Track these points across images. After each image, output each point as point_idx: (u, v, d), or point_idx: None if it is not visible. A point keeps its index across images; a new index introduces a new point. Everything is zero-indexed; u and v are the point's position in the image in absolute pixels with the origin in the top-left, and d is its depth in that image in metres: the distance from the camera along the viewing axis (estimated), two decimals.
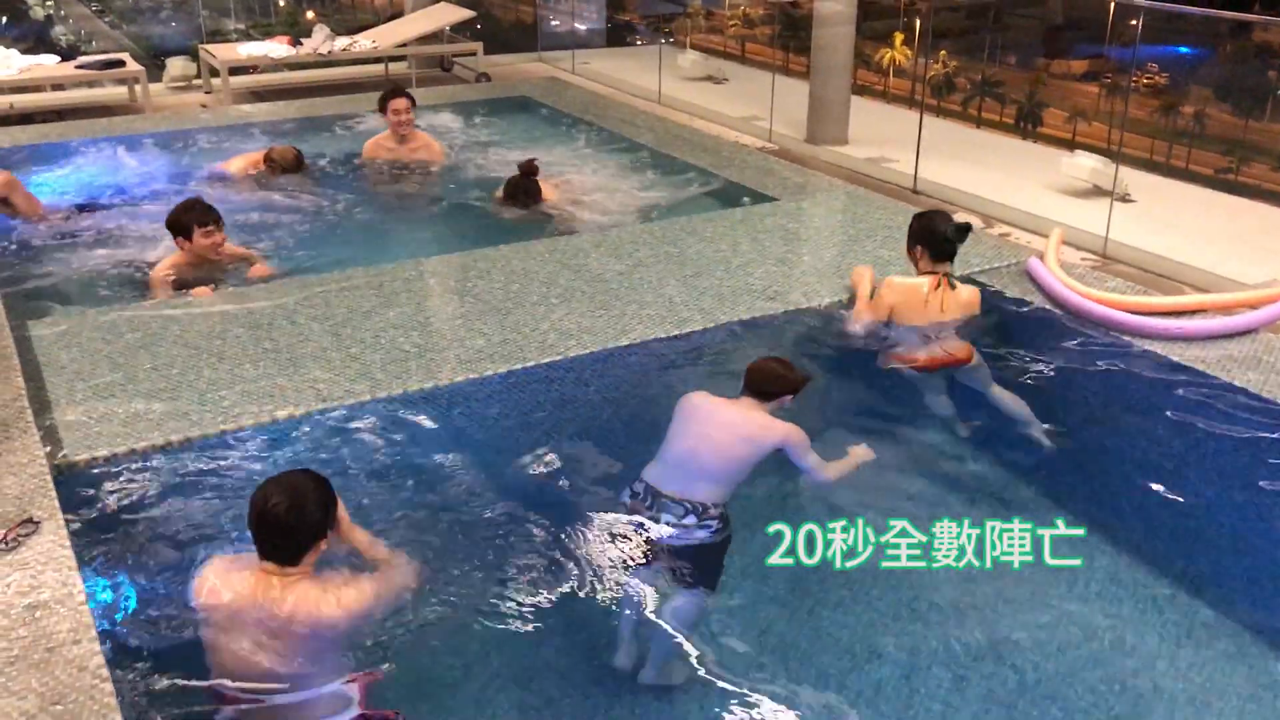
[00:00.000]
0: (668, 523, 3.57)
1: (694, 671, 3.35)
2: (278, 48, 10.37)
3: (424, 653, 3.26)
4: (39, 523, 3.32)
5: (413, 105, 7.34)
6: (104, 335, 4.70)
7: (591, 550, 3.68)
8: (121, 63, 9.91)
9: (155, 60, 11.17)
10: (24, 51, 9.96)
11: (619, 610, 3.51)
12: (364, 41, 10.61)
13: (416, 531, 3.71)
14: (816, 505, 3.94)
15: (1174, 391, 4.67)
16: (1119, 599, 3.85)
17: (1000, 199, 7.03)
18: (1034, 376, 4.88)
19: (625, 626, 3.48)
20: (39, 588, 3.06)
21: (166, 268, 5.47)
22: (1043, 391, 4.78)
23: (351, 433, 4.14)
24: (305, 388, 4.28)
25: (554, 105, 9.52)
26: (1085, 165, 7.29)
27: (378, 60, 11.22)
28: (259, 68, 10.78)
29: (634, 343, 4.73)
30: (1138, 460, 4.59)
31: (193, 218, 5.36)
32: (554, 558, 3.65)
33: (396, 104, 7.25)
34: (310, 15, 16.21)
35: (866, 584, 3.73)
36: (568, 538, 3.71)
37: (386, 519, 3.75)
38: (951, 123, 15.23)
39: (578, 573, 3.60)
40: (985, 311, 5.05)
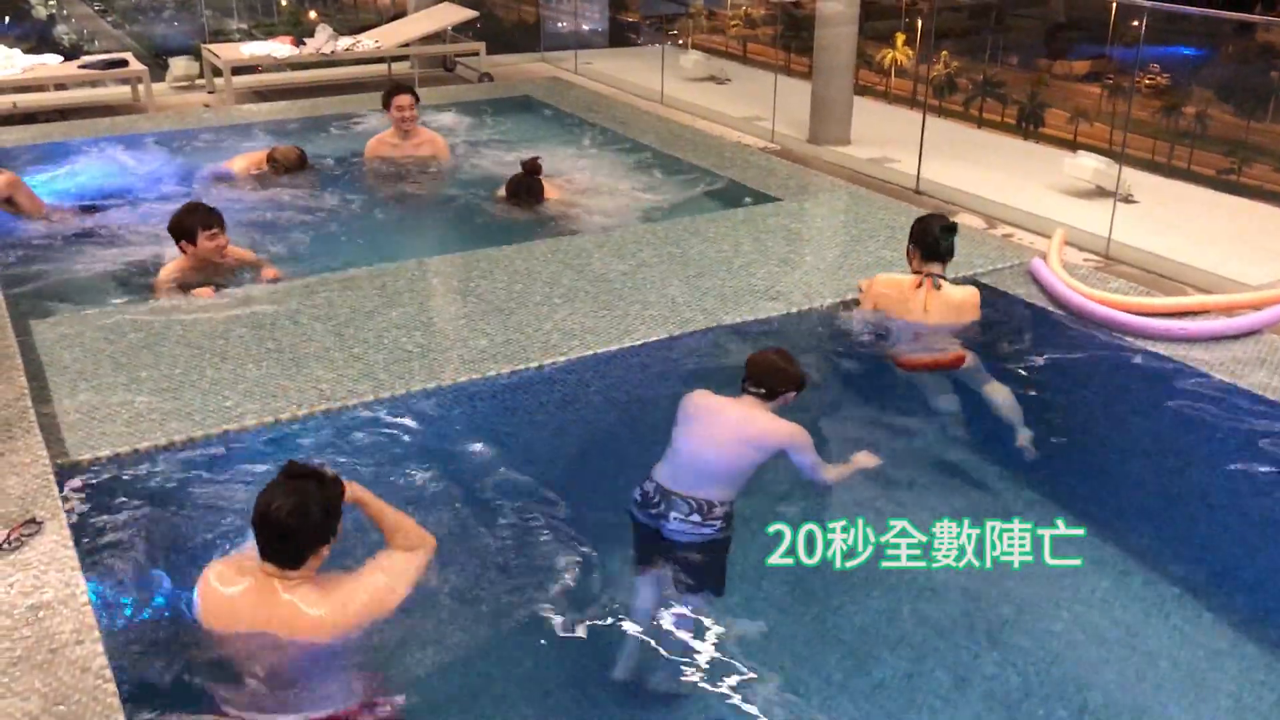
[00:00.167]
0: (675, 519, 3.58)
1: (697, 674, 3.35)
2: (280, 47, 10.37)
3: (425, 654, 3.25)
4: (42, 523, 3.32)
5: (416, 102, 7.34)
6: (107, 335, 4.70)
7: (596, 551, 3.68)
8: (124, 62, 9.91)
9: (158, 60, 11.18)
10: (27, 51, 9.97)
11: (625, 614, 3.51)
12: (367, 41, 10.61)
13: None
14: (816, 505, 3.94)
15: (1177, 392, 4.67)
16: (1121, 600, 3.85)
17: (1003, 200, 7.02)
18: (1037, 377, 4.87)
19: (631, 632, 3.47)
20: (42, 588, 3.06)
21: (171, 273, 5.40)
22: (1045, 392, 4.77)
23: (354, 433, 4.14)
24: (308, 388, 4.28)
25: (556, 105, 9.52)
26: (1088, 166, 7.28)
27: (380, 60, 11.21)
28: (262, 67, 10.78)
29: (637, 343, 4.73)
30: (1140, 461, 4.58)
31: (196, 220, 5.30)
32: (557, 559, 3.64)
33: (400, 100, 7.25)
34: (313, 15, 16.22)
35: (867, 585, 3.72)
36: (571, 539, 3.71)
37: None
38: (953, 123, 15.22)
39: (582, 574, 3.59)
40: (988, 312, 5.05)
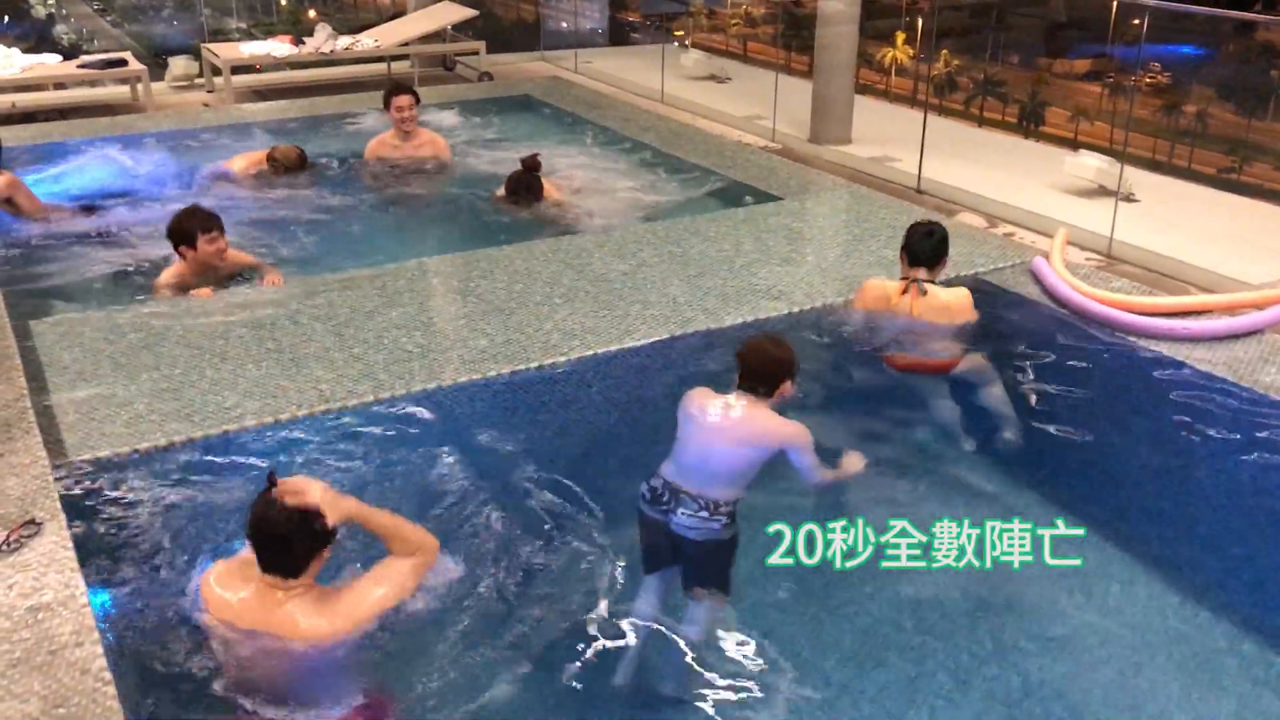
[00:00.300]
0: (684, 514, 3.58)
1: (698, 675, 3.34)
2: (280, 47, 10.36)
3: (424, 655, 3.23)
4: (41, 524, 3.31)
5: (416, 102, 7.32)
6: (106, 335, 4.69)
7: (596, 552, 3.67)
8: (124, 62, 9.90)
9: (157, 59, 11.16)
10: (26, 50, 9.97)
11: (627, 614, 3.50)
12: (366, 40, 10.60)
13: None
14: (816, 505, 3.93)
15: (1179, 392, 4.66)
16: (1122, 600, 3.84)
17: (1004, 199, 7.01)
18: (1039, 376, 4.86)
19: (632, 633, 3.46)
20: (41, 589, 3.05)
21: (170, 279, 5.35)
22: (1047, 391, 4.76)
23: (354, 434, 4.13)
24: (308, 388, 4.27)
25: (557, 104, 9.51)
26: (1089, 165, 7.26)
27: (380, 59, 11.21)
28: (261, 67, 10.77)
29: (638, 343, 4.71)
30: (1142, 460, 4.57)
31: (195, 224, 5.24)
32: (558, 560, 3.63)
33: (400, 101, 7.23)
34: (312, 14, 16.19)
35: (868, 586, 3.71)
36: (572, 540, 3.70)
37: None
38: (954, 121, 15.20)
39: (582, 574, 3.59)
40: (989, 312, 5.04)
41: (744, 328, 4.89)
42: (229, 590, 2.95)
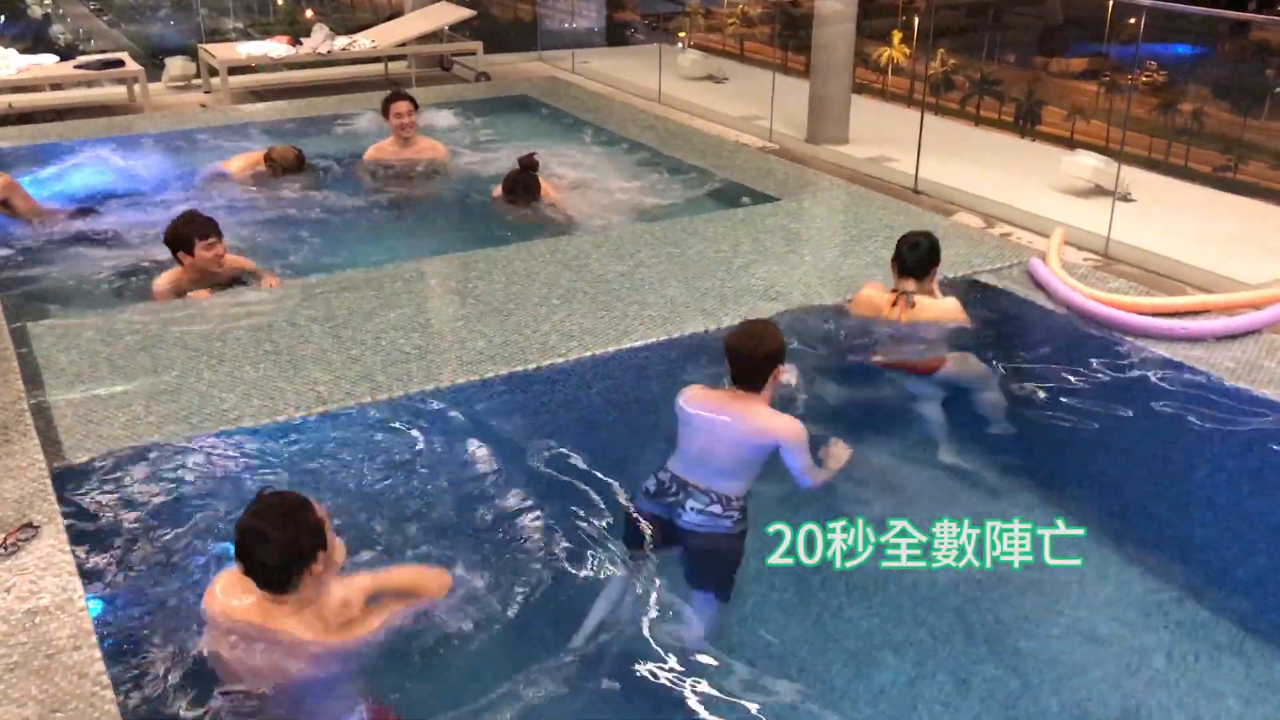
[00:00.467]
0: (693, 509, 3.58)
1: (696, 674, 3.33)
2: (277, 47, 10.35)
3: (422, 658, 3.23)
4: (38, 527, 3.31)
5: (415, 108, 7.30)
6: (103, 337, 4.69)
7: (595, 552, 3.66)
8: (120, 62, 9.89)
9: (154, 60, 11.16)
10: (22, 51, 9.96)
11: (624, 613, 3.49)
12: (363, 41, 10.60)
13: (418, 535, 3.70)
14: (816, 505, 3.93)
15: (1176, 392, 4.66)
16: (1120, 601, 3.84)
17: (1001, 198, 7.01)
18: (1036, 376, 4.86)
19: (630, 633, 3.44)
20: (39, 593, 3.05)
21: (167, 284, 5.31)
22: (1044, 391, 4.76)
23: (352, 435, 4.12)
24: (306, 390, 4.26)
25: (554, 105, 9.50)
26: (1086, 164, 7.27)
27: (377, 60, 11.20)
28: (258, 67, 10.76)
29: (636, 344, 4.71)
30: (1139, 461, 4.57)
31: (193, 230, 5.20)
32: (557, 561, 3.63)
33: (398, 107, 7.18)
34: (309, 14, 16.20)
35: (868, 587, 3.72)
36: (571, 540, 3.70)
37: (386, 522, 3.73)
38: (950, 121, 15.22)
39: (581, 575, 3.58)
40: (987, 312, 5.04)
41: None
42: (232, 599, 2.93)
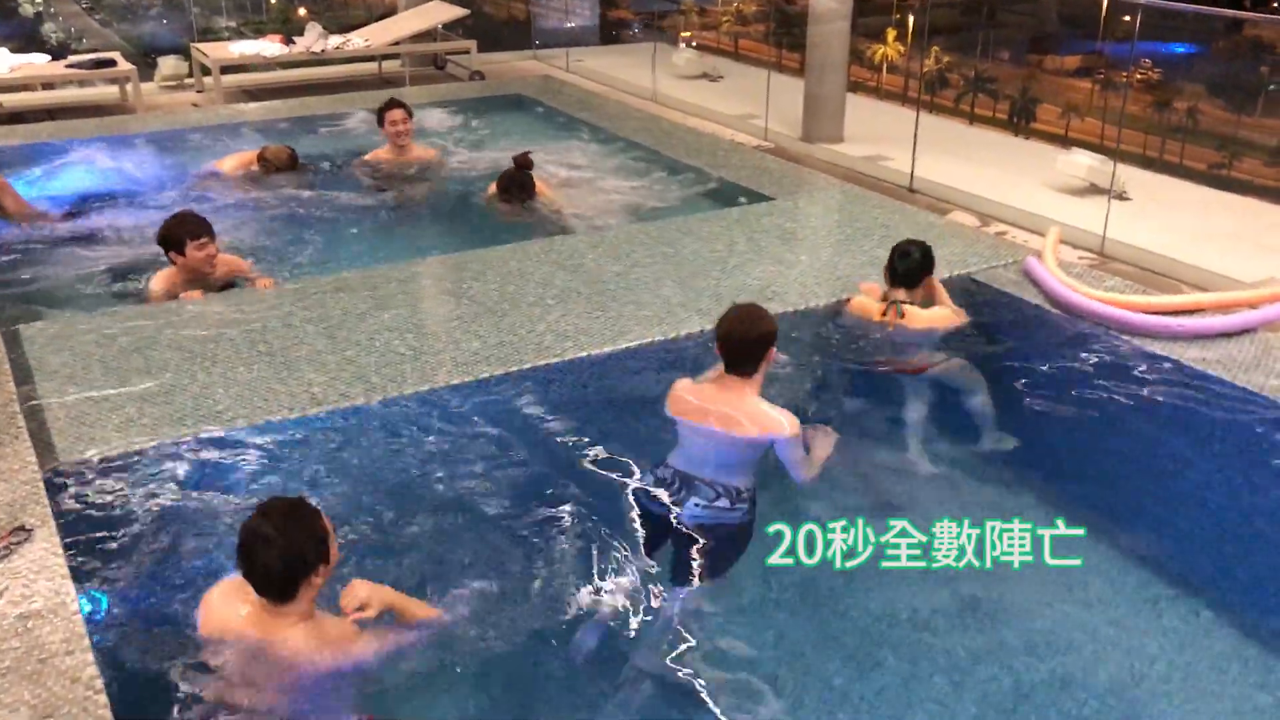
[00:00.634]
0: (698, 504, 3.57)
1: (693, 673, 3.32)
2: (270, 46, 10.33)
3: (420, 660, 3.22)
4: (31, 530, 3.29)
5: (410, 116, 7.28)
6: (96, 338, 4.66)
7: (591, 552, 3.65)
8: (113, 62, 9.86)
9: (147, 59, 11.13)
10: (14, 50, 9.92)
11: (620, 612, 3.48)
12: (357, 40, 10.58)
13: (413, 536, 3.68)
14: (816, 505, 3.93)
15: (1172, 390, 4.66)
16: (1117, 600, 3.83)
17: (996, 197, 7.01)
18: (1032, 375, 4.86)
19: (627, 631, 3.43)
20: (31, 597, 3.03)
21: (161, 286, 5.29)
22: (1040, 390, 4.76)
23: (347, 436, 4.11)
24: (300, 391, 4.24)
25: (548, 103, 9.49)
26: (1081, 163, 7.27)
27: (370, 58, 11.18)
28: (251, 66, 10.73)
29: (631, 345, 4.70)
30: (1135, 459, 4.57)
31: (185, 230, 5.17)
32: (553, 561, 3.62)
33: (394, 115, 7.17)
34: (303, 13, 16.15)
35: (863, 587, 3.70)
36: (567, 541, 3.69)
37: (382, 523, 3.72)
38: (945, 119, 15.20)
39: (577, 575, 3.57)
40: (981, 311, 5.04)
41: None
42: (227, 608, 2.91)
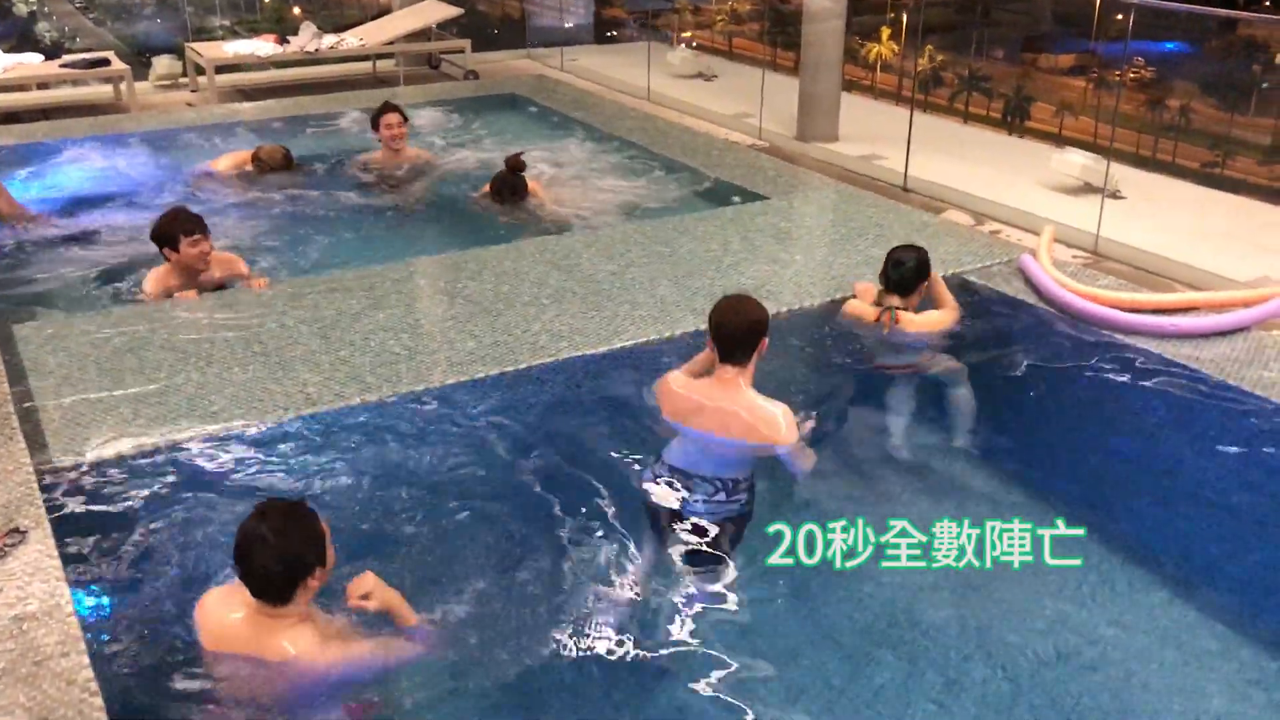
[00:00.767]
0: (699, 499, 3.58)
1: (690, 675, 3.32)
2: (264, 45, 10.31)
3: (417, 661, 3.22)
4: (25, 532, 3.28)
5: (405, 120, 7.27)
6: (90, 339, 4.65)
7: (587, 552, 3.65)
8: (107, 61, 9.84)
9: (141, 58, 11.10)
10: (7, 50, 9.92)
11: (615, 611, 3.48)
12: (351, 39, 10.56)
13: (409, 536, 3.68)
14: (816, 505, 3.93)
15: (1166, 389, 4.67)
16: (1112, 599, 3.83)
17: (991, 196, 7.02)
18: (1026, 374, 4.86)
19: (627, 635, 3.43)
20: (26, 599, 3.02)
21: (156, 284, 5.28)
22: (1034, 388, 4.77)
23: (342, 436, 4.10)
24: (295, 391, 4.24)
25: (543, 103, 9.48)
26: (1075, 162, 7.28)
27: (365, 58, 11.17)
28: (245, 66, 10.71)
29: (627, 344, 4.70)
30: (1128, 458, 4.57)
31: (178, 227, 5.17)
32: (549, 561, 3.62)
33: (389, 119, 7.16)
34: (297, 12, 16.11)
35: (859, 587, 3.71)
36: (564, 541, 3.69)
37: (377, 524, 3.71)
38: (939, 118, 15.22)
39: (573, 575, 3.57)
40: (975, 310, 5.04)
41: None
42: (223, 611, 2.91)
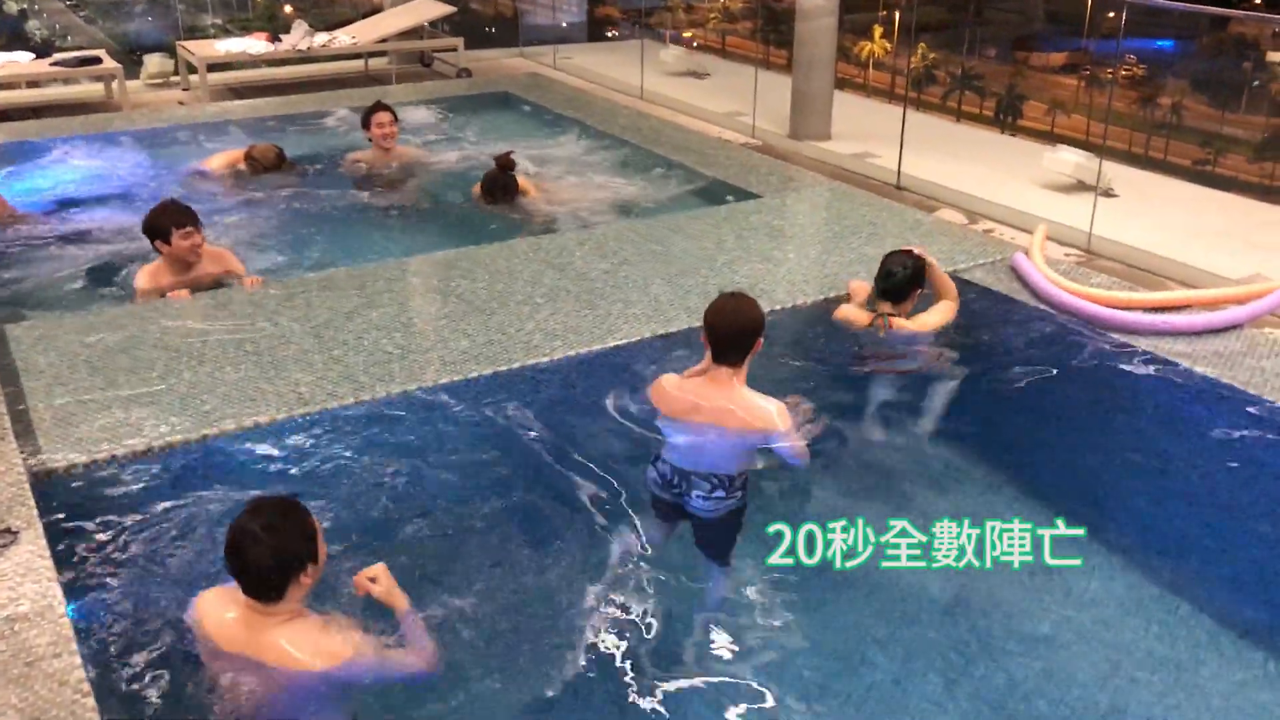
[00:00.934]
0: (699, 496, 3.60)
1: (686, 674, 3.32)
2: (256, 44, 10.29)
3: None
4: (17, 532, 3.27)
5: (395, 119, 7.26)
6: (82, 338, 4.63)
7: (581, 551, 3.66)
8: (98, 59, 9.80)
9: (132, 57, 11.07)
10: None
11: (611, 609, 3.48)
12: (343, 37, 10.54)
13: (403, 536, 3.68)
14: (816, 505, 3.93)
15: (1159, 387, 4.68)
16: (1103, 596, 3.84)
17: (983, 194, 7.03)
18: (1019, 372, 4.87)
19: (623, 633, 3.43)
20: (18, 600, 3.01)
21: (149, 279, 5.28)
22: (1027, 386, 4.77)
23: (335, 436, 4.09)
24: (287, 391, 4.23)
25: (536, 101, 9.47)
26: (1068, 160, 7.30)
27: (357, 56, 11.15)
28: (237, 64, 10.68)
29: (621, 343, 4.69)
30: (1121, 456, 4.57)
31: (169, 219, 5.19)
32: (544, 561, 3.62)
33: (380, 118, 7.15)
34: (289, 11, 16.09)
35: (854, 585, 3.71)
36: (560, 540, 3.69)
37: (371, 525, 3.71)
38: (931, 116, 15.25)
39: (568, 574, 3.57)
40: (968, 309, 5.05)
41: None
42: (216, 612, 2.89)
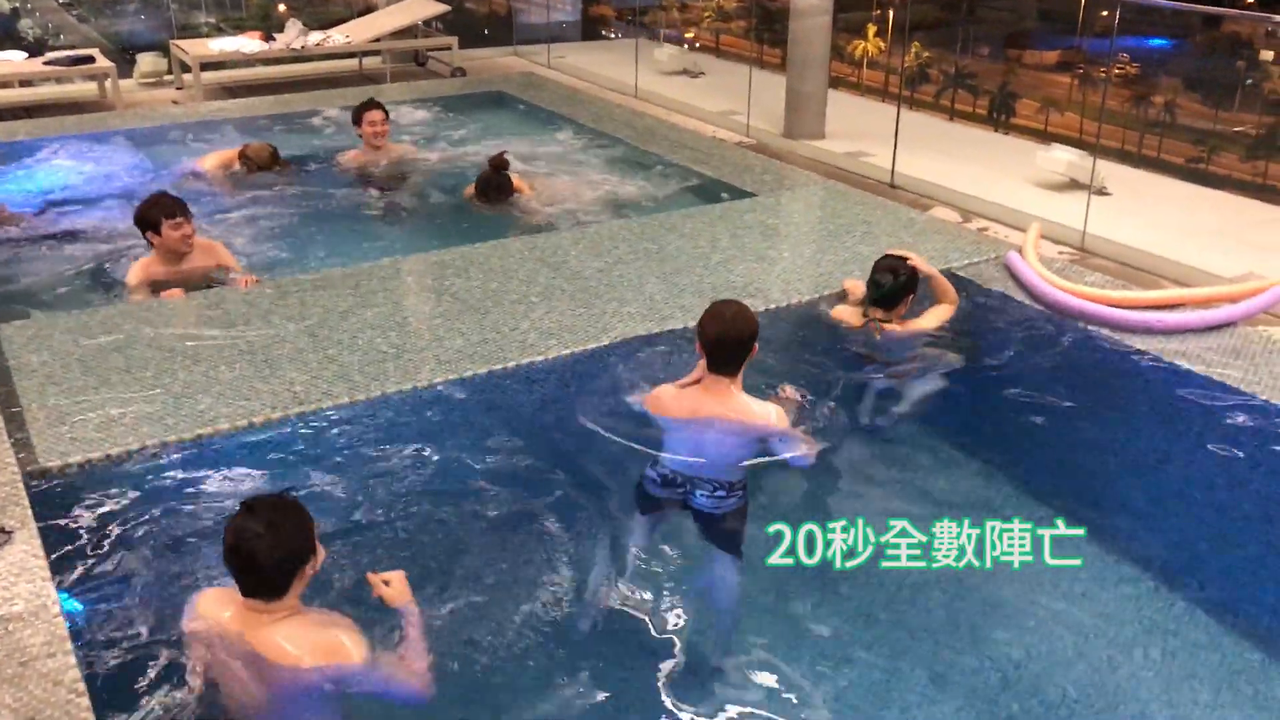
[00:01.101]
0: (702, 495, 3.61)
1: (681, 673, 3.33)
2: (250, 43, 10.27)
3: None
4: (11, 532, 3.26)
5: (387, 117, 7.25)
6: (75, 337, 4.63)
7: (578, 551, 3.66)
8: (91, 58, 9.77)
9: (125, 56, 11.04)
10: None
11: (607, 608, 3.49)
12: (337, 36, 10.53)
13: (399, 538, 3.67)
14: (816, 505, 3.94)
15: (1152, 385, 4.70)
16: (1097, 593, 3.85)
17: (977, 193, 7.04)
18: (1013, 371, 4.88)
19: (620, 634, 3.44)
20: (12, 600, 3.01)
21: (141, 273, 5.30)
22: (1020, 385, 4.77)
23: (329, 436, 4.09)
24: (282, 390, 4.22)
25: (530, 100, 9.47)
26: (1061, 159, 7.31)
27: (351, 55, 11.13)
28: (231, 63, 10.66)
29: (615, 341, 4.70)
30: (1115, 454, 4.59)
31: (159, 210, 5.23)
32: (540, 561, 3.62)
33: (372, 116, 7.15)
34: (282, 9, 16.05)
35: (854, 584, 3.72)
36: (554, 540, 3.69)
37: (367, 525, 3.71)
38: (925, 114, 15.25)
39: (564, 574, 3.58)
40: (962, 308, 5.06)
41: None
42: (213, 610, 2.88)
